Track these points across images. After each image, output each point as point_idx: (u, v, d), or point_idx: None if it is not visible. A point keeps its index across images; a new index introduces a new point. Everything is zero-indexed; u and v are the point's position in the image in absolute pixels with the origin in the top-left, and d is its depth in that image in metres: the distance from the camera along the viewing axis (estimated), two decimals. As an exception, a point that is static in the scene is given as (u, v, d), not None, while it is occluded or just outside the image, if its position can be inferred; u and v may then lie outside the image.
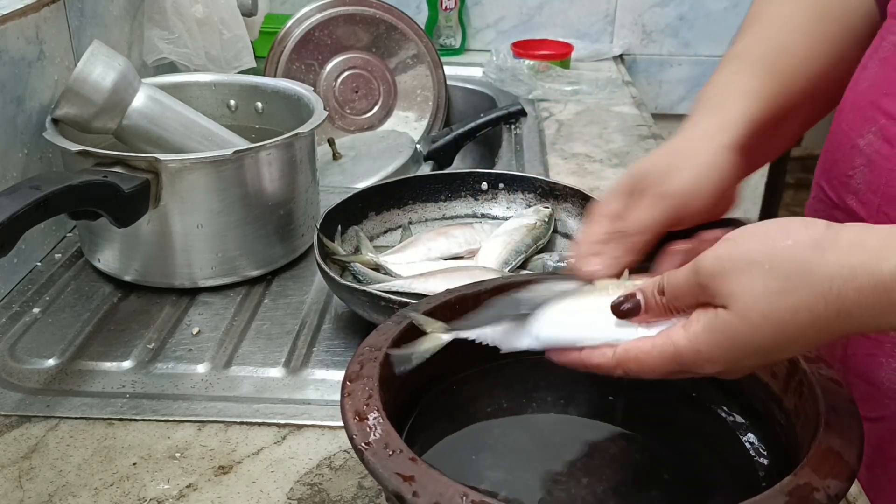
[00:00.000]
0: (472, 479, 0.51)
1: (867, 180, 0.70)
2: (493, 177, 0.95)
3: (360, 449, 0.44)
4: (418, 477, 0.42)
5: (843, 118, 0.73)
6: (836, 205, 0.75)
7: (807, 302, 0.42)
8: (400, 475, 0.42)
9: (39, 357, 0.75)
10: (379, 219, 0.92)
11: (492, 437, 0.57)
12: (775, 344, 0.44)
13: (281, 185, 0.87)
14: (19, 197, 0.65)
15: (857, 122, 0.71)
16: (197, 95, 1.02)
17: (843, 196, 0.73)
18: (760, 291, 0.43)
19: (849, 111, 0.73)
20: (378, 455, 0.44)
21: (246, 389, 0.72)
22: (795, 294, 0.42)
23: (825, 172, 0.77)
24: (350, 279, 0.81)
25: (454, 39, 1.70)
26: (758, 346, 0.45)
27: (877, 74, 0.70)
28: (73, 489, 0.60)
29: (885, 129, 0.67)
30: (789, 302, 0.42)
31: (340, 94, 1.41)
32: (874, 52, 0.71)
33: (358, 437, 0.45)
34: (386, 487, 0.43)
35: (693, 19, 1.75)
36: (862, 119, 0.70)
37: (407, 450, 0.44)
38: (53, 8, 0.92)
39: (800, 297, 0.42)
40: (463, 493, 0.41)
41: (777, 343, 0.44)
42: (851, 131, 0.71)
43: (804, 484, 0.42)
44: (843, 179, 0.73)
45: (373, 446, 0.44)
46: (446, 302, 0.58)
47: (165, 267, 0.84)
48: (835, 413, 0.47)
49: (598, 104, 1.47)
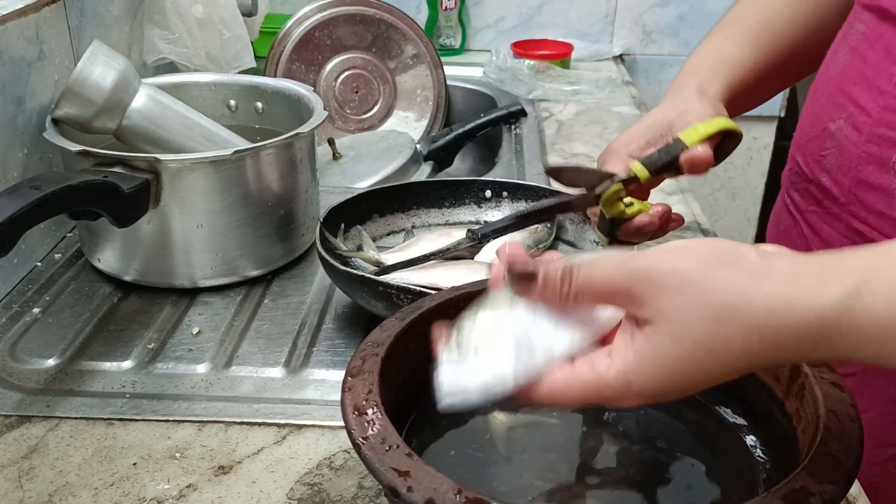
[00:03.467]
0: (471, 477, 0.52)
1: (838, 163, 0.75)
2: (496, 185, 0.96)
3: (357, 443, 0.45)
4: (413, 472, 0.42)
5: (816, 100, 0.80)
6: (810, 179, 0.80)
7: (742, 332, 0.40)
8: (395, 470, 0.43)
9: (39, 357, 0.75)
10: (382, 221, 0.92)
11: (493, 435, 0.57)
12: (705, 374, 0.42)
13: (281, 185, 0.87)
14: (19, 197, 0.65)
15: (828, 108, 0.76)
16: (197, 95, 1.02)
17: (817, 174, 0.79)
18: (694, 315, 0.40)
19: (820, 95, 0.78)
20: (375, 449, 0.44)
21: (246, 389, 0.72)
22: (731, 323, 0.40)
23: (799, 147, 0.82)
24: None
25: (454, 39, 1.70)
26: (688, 375, 0.42)
27: (846, 62, 0.74)
28: (73, 489, 0.60)
29: (854, 117, 0.72)
30: (724, 330, 0.40)
31: (340, 94, 1.41)
32: (843, 38, 0.76)
33: (356, 432, 0.45)
34: (381, 482, 0.43)
35: (693, 19, 1.75)
36: (833, 105, 0.75)
37: (403, 445, 0.44)
38: (53, 8, 0.92)
39: (735, 327, 0.40)
40: (457, 490, 0.41)
41: (708, 373, 0.42)
42: (823, 115, 0.76)
43: (800, 488, 0.42)
44: (817, 158, 0.78)
45: (370, 441, 0.45)
46: (450, 300, 0.58)
47: (165, 267, 0.84)
48: (835, 417, 0.47)
49: (598, 104, 1.47)
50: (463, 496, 0.41)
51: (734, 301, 0.40)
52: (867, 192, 0.72)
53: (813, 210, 0.80)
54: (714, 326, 0.40)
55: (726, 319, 0.40)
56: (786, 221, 0.86)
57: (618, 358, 0.43)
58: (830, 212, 0.77)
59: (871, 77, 0.71)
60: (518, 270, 0.46)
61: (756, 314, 0.39)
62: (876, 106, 0.70)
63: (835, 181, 0.75)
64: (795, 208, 0.84)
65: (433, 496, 0.41)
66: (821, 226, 0.79)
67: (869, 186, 0.71)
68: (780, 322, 0.39)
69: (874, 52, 0.71)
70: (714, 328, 0.40)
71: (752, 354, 0.40)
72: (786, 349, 0.40)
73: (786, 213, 0.86)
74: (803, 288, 0.39)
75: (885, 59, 0.70)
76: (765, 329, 0.39)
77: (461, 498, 0.41)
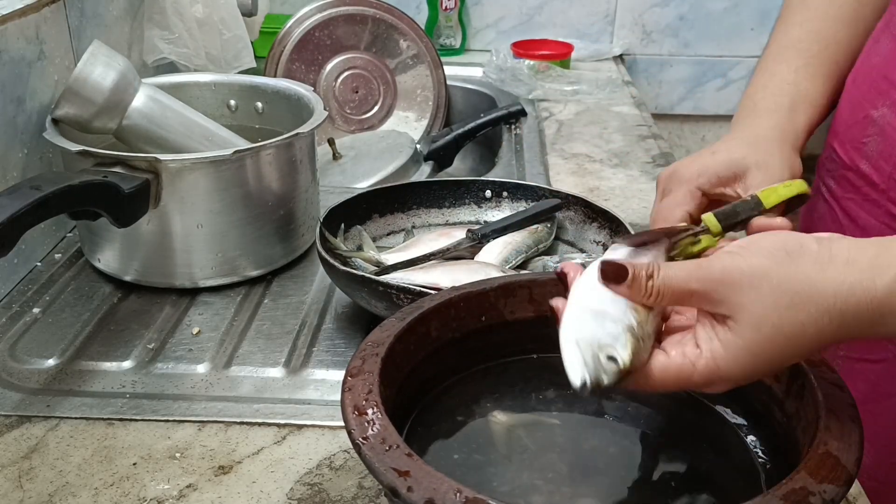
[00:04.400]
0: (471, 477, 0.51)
1: (880, 149, 0.75)
2: (496, 185, 0.96)
3: (357, 443, 0.45)
4: (413, 472, 0.42)
5: (857, 88, 0.79)
6: (849, 167, 0.80)
7: (814, 317, 0.45)
8: (395, 470, 0.43)
9: (39, 357, 0.75)
10: (382, 221, 0.92)
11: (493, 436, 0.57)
12: (783, 357, 0.46)
13: (281, 185, 0.87)
14: (19, 197, 0.65)
15: (870, 95, 0.76)
16: (197, 95, 1.02)
17: (856, 160, 0.78)
18: (770, 305, 0.45)
19: (861, 82, 0.78)
20: (375, 449, 0.44)
21: (246, 389, 0.72)
22: (804, 309, 0.45)
23: (837, 135, 0.82)
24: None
25: (454, 39, 1.70)
26: (769, 359, 0.46)
27: (889, 49, 0.75)
28: (73, 489, 0.60)
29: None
30: (798, 317, 0.45)
31: (340, 94, 1.41)
32: (886, 25, 0.76)
33: (356, 432, 0.45)
34: (381, 482, 0.43)
35: (693, 19, 1.75)
36: (876, 92, 0.76)
37: (403, 445, 0.44)
38: (53, 8, 0.92)
39: (808, 313, 0.45)
40: (457, 490, 0.41)
41: (785, 356, 0.46)
42: (865, 102, 0.77)
43: (800, 488, 0.42)
44: (856, 145, 0.78)
45: (370, 441, 0.45)
46: (450, 300, 0.58)
47: (165, 267, 0.84)
48: (835, 417, 0.47)
49: (598, 104, 1.47)
50: (463, 496, 0.41)
51: (805, 290, 0.45)
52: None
53: (850, 197, 0.80)
54: (789, 314, 0.45)
55: (799, 307, 0.45)
56: (820, 209, 0.85)
57: (706, 346, 0.47)
58: (869, 198, 0.77)
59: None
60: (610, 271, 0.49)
61: (824, 300, 0.44)
62: None
63: (875, 168, 0.76)
64: (831, 195, 0.83)
65: (433, 496, 0.41)
66: (857, 212, 0.79)
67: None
68: (843, 306, 0.44)
69: None
70: (789, 316, 0.45)
71: (823, 337, 0.45)
72: (849, 328, 0.45)
73: (821, 201, 0.85)
74: (860, 273, 0.44)
75: None
76: (833, 312, 0.44)
77: (461, 498, 0.41)
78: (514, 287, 0.60)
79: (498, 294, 0.59)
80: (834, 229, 0.82)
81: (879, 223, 0.77)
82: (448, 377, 0.59)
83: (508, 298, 0.60)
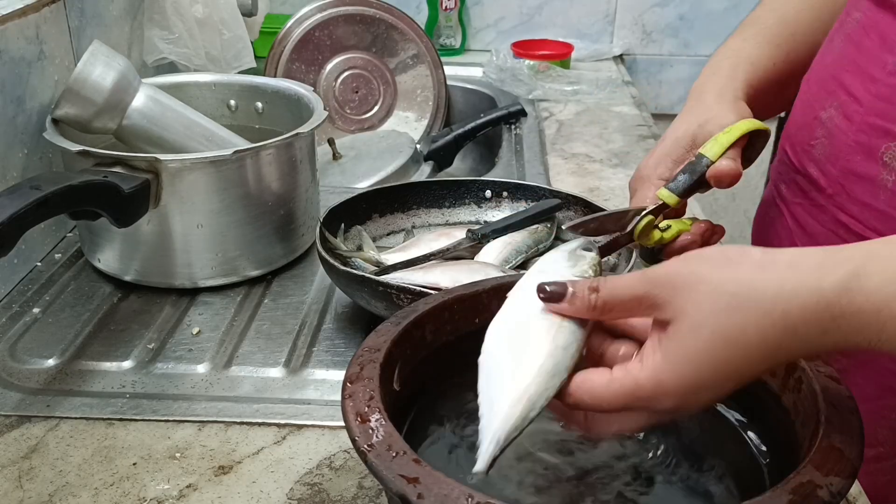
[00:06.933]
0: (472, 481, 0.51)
1: (827, 152, 0.74)
2: (496, 185, 0.96)
3: (363, 451, 0.44)
4: (423, 479, 0.42)
5: (809, 88, 0.79)
6: (798, 170, 0.80)
7: (754, 319, 0.42)
8: (404, 477, 0.42)
9: (39, 357, 0.75)
10: (382, 221, 0.92)
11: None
12: (728, 366, 0.44)
13: (281, 185, 0.87)
14: (19, 197, 0.65)
15: (820, 95, 0.76)
16: (197, 95, 1.02)
17: (805, 163, 0.78)
18: (708, 308, 0.43)
19: (814, 82, 0.78)
20: (382, 457, 0.44)
21: (246, 389, 0.72)
22: (743, 311, 0.43)
23: (789, 137, 0.82)
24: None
25: (454, 39, 1.70)
26: (713, 368, 0.44)
27: (841, 49, 0.74)
28: (73, 489, 0.60)
29: (845, 106, 0.72)
30: (737, 319, 0.43)
31: (340, 94, 1.41)
32: (840, 26, 0.76)
33: (361, 440, 0.45)
34: (390, 489, 0.42)
35: (693, 19, 1.75)
36: (825, 92, 0.75)
37: (410, 451, 0.44)
38: (53, 8, 0.92)
39: (747, 315, 0.43)
40: (468, 495, 0.41)
41: (730, 365, 0.44)
42: (815, 103, 0.76)
43: (807, 481, 0.42)
44: (805, 147, 0.77)
45: (376, 448, 0.44)
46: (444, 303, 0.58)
47: (165, 267, 0.84)
48: (835, 410, 0.47)
49: (598, 104, 1.47)
50: (475, 501, 0.41)
51: (743, 291, 0.43)
52: (854, 182, 0.71)
53: (799, 202, 0.80)
54: (727, 316, 0.43)
55: (737, 308, 0.43)
56: (771, 214, 0.85)
57: (648, 360, 0.45)
58: (816, 203, 0.77)
59: (864, 64, 0.70)
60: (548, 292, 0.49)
61: (764, 300, 0.42)
62: (867, 94, 0.70)
63: (822, 171, 0.75)
64: (782, 200, 0.83)
65: (444, 502, 0.41)
66: (805, 218, 0.78)
67: (856, 177, 0.71)
68: (786, 306, 0.42)
69: (869, 39, 0.70)
70: (727, 318, 0.43)
71: (770, 344, 0.43)
72: (797, 333, 0.42)
73: (773, 206, 0.85)
74: (805, 273, 0.42)
75: (879, 47, 0.69)
76: (775, 314, 0.42)
77: (473, 503, 0.41)
78: (507, 288, 0.59)
79: (491, 295, 0.59)
80: (783, 235, 0.82)
81: (826, 230, 0.75)
82: (445, 380, 0.59)
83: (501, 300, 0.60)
